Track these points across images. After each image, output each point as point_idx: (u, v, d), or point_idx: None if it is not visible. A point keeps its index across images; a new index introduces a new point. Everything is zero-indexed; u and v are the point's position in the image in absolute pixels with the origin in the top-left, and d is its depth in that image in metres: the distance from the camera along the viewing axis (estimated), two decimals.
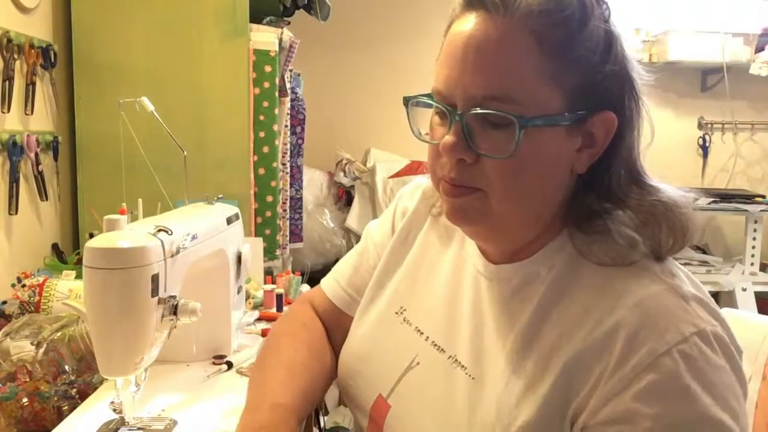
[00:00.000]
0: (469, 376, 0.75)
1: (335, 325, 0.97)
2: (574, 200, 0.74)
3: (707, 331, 0.65)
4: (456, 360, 0.77)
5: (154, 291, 0.86)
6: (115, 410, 0.89)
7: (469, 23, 0.69)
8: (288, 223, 2.19)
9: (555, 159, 0.71)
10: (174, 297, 0.91)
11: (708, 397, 0.62)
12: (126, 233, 0.86)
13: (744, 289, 2.95)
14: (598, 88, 0.69)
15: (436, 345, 0.80)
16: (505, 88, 0.67)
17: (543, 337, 0.70)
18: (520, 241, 0.76)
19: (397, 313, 0.87)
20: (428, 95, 0.74)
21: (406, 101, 0.77)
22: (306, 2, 2.18)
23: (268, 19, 2.06)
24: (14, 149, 1.53)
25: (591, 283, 0.70)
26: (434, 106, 0.73)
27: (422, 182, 0.95)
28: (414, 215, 0.93)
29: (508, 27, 0.67)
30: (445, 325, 0.81)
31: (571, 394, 0.67)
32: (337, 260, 3.33)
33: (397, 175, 3.07)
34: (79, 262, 1.27)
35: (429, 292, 0.85)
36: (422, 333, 0.82)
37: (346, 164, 3.14)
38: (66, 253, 1.76)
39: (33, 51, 1.61)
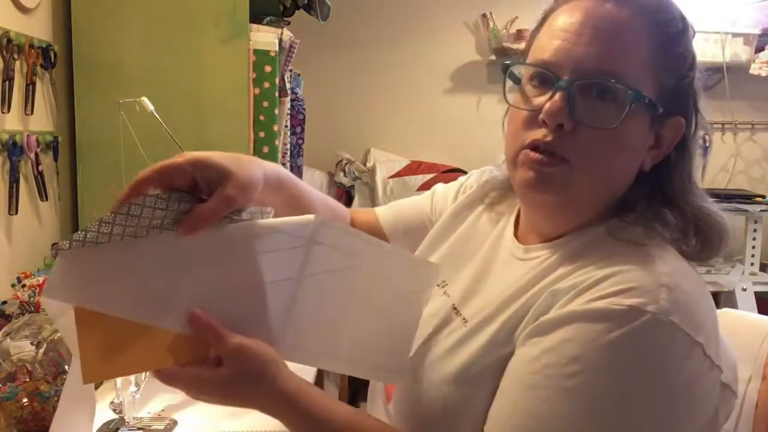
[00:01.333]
0: (465, 324, 0.80)
1: None
2: (627, 195, 0.77)
3: (649, 312, 0.63)
4: (463, 318, 0.81)
5: None
6: (115, 410, 0.89)
7: (585, 5, 0.73)
8: None
9: (637, 146, 0.75)
10: None
11: (597, 366, 0.63)
12: None
13: (744, 289, 2.95)
14: (681, 93, 0.75)
15: (455, 308, 0.84)
16: (616, 66, 0.70)
17: (530, 294, 0.74)
18: (575, 221, 0.78)
19: (439, 285, 0.90)
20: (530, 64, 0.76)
21: (505, 67, 0.79)
22: (306, 2, 2.18)
23: (268, 19, 2.06)
24: (14, 149, 1.53)
25: (596, 253, 0.73)
26: (536, 71, 0.75)
27: (492, 169, 0.98)
28: (472, 195, 0.96)
29: (628, 12, 0.72)
30: (468, 291, 0.85)
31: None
32: None
33: (397, 175, 3.08)
34: None
35: (467, 268, 0.89)
36: (455, 307, 0.86)
37: (346, 164, 3.14)
38: None
39: (33, 51, 1.61)
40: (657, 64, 0.72)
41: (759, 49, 3.20)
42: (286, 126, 2.13)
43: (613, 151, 0.73)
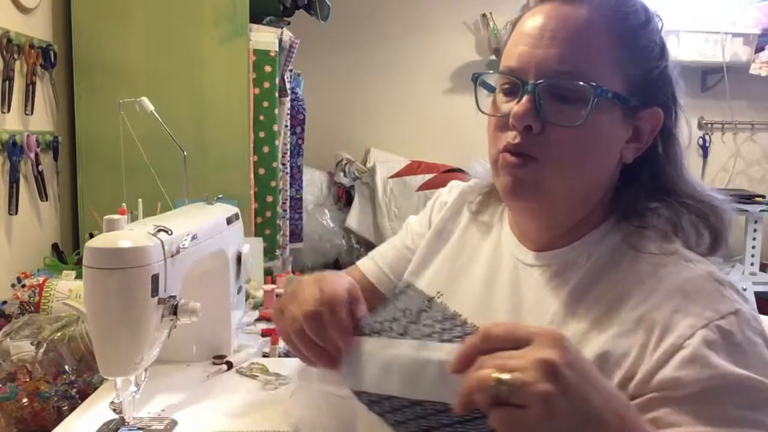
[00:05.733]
0: None
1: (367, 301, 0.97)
2: (622, 192, 0.79)
3: (743, 311, 0.68)
4: None
5: (154, 291, 0.86)
6: (115, 410, 0.89)
7: (545, 9, 0.75)
8: (288, 223, 2.19)
9: (610, 140, 0.76)
10: (174, 297, 0.91)
11: (744, 366, 0.64)
12: (126, 233, 0.86)
13: (744, 289, 2.95)
14: (652, 83, 0.76)
15: (473, 325, 0.82)
16: (577, 64, 0.72)
17: (579, 318, 0.74)
18: (565, 223, 0.79)
19: (434, 297, 0.88)
20: (498, 72, 0.79)
21: (475, 78, 0.81)
22: (306, 2, 2.18)
23: (268, 19, 2.06)
24: (14, 149, 1.53)
25: (632, 269, 0.74)
26: (505, 78, 0.77)
27: (460, 183, 0.99)
28: (451, 209, 0.96)
29: (584, 11, 0.74)
30: (481, 307, 0.84)
31: (609, 372, 0.68)
32: (337, 260, 3.33)
33: (397, 175, 3.07)
34: (79, 262, 1.27)
35: (466, 279, 0.88)
36: (460, 315, 0.84)
37: (346, 164, 3.14)
38: (66, 253, 1.76)
39: (33, 51, 1.61)
40: (621, 57, 0.74)
41: (759, 49, 3.20)
42: (286, 126, 2.13)
43: (585, 148, 0.74)
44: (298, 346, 0.71)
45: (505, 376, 0.50)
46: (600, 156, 0.76)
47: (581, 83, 0.71)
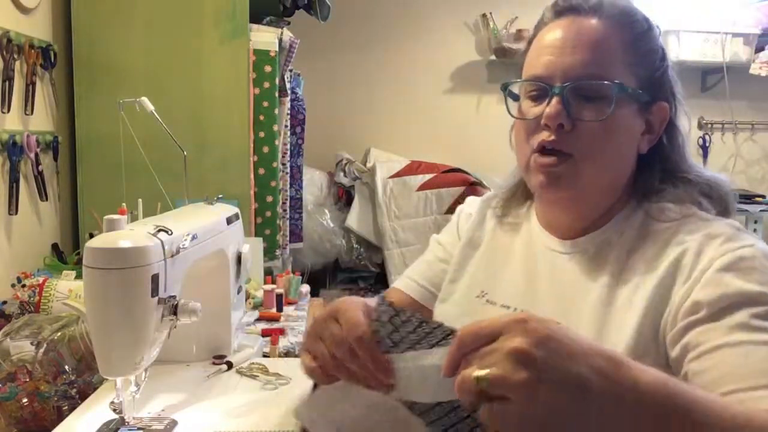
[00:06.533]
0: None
1: None
2: (640, 178, 0.89)
3: (760, 246, 0.77)
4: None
5: (154, 291, 0.86)
6: (115, 410, 0.89)
7: (564, 22, 0.86)
8: (288, 223, 2.19)
9: (630, 132, 0.86)
10: (174, 297, 0.91)
11: (760, 285, 0.72)
12: (126, 233, 0.86)
13: None
14: (658, 81, 0.87)
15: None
16: (598, 67, 0.82)
17: (622, 287, 0.82)
18: (596, 211, 0.88)
19: (478, 296, 0.95)
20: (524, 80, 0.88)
21: (504, 87, 0.90)
22: (306, 2, 2.18)
23: (268, 19, 2.06)
24: (14, 149, 1.53)
25: (660, 238, 0.83)
26: (532, 85, 0.86)
27: (476, 198, 1.07)
28: (477, 218, 1.03)
29: (600, 22, 0.84)
30: (528, 297, 0.90)
31: (657, 319, 0.77)
32: (337, 260, 3.32)
33: (397, 175, 3.07)
34: (79, 262, 1.27)
35: (506, 276, 0.94)
36: (509, 307, 0.91)
37: (346, 164, 3.14)
38: (66, 253, 1.76)
39: (33, 51, 1.61)
40: (631, 60, 0.84)
41: (759, 49, 3.20)
42: (286, 126, 2.13)
43: (611, 139, 0.83)
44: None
45: (483, 372, 0.52)
46: (623, 147, 0.85)
47: (605, 82, 0.81)
